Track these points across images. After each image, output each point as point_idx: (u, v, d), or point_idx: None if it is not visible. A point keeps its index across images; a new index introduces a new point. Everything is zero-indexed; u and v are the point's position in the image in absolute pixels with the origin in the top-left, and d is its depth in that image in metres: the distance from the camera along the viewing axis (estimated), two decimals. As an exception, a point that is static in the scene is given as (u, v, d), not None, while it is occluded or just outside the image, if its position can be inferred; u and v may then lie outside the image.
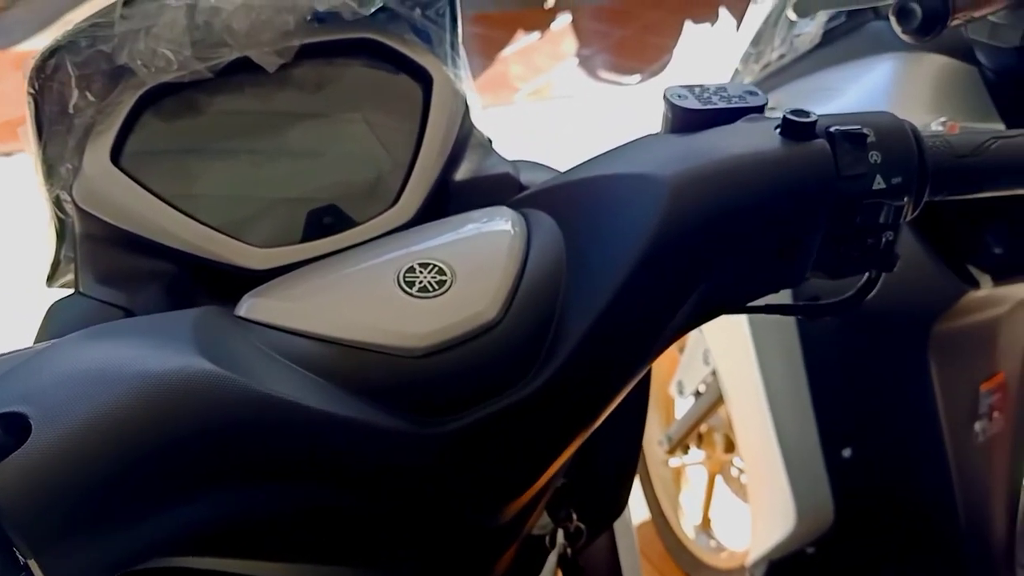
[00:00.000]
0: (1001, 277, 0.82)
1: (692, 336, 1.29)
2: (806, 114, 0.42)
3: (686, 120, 0.44)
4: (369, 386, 0.36)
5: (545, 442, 0.39)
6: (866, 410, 0.93)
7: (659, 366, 1.51)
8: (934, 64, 0.72)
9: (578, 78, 3.69)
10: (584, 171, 0.45)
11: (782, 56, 0.91)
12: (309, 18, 0.46)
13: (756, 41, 0.97)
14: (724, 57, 1.07)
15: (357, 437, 0.35)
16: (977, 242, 0.81)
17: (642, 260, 0.39)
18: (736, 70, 1.01)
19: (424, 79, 0.48)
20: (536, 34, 4.14)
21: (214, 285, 0.42)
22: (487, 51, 3.99)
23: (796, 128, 0.42)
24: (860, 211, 0.43)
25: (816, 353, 0.92)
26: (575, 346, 0.38)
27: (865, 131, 0.43)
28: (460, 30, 0.51)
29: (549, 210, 0.43)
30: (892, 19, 0.53)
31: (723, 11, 3.99)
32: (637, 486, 1.58)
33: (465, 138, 0.49)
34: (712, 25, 3.97)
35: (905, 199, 0.43)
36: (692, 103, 0.44)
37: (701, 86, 0.46)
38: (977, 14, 0.53)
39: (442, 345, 0.37)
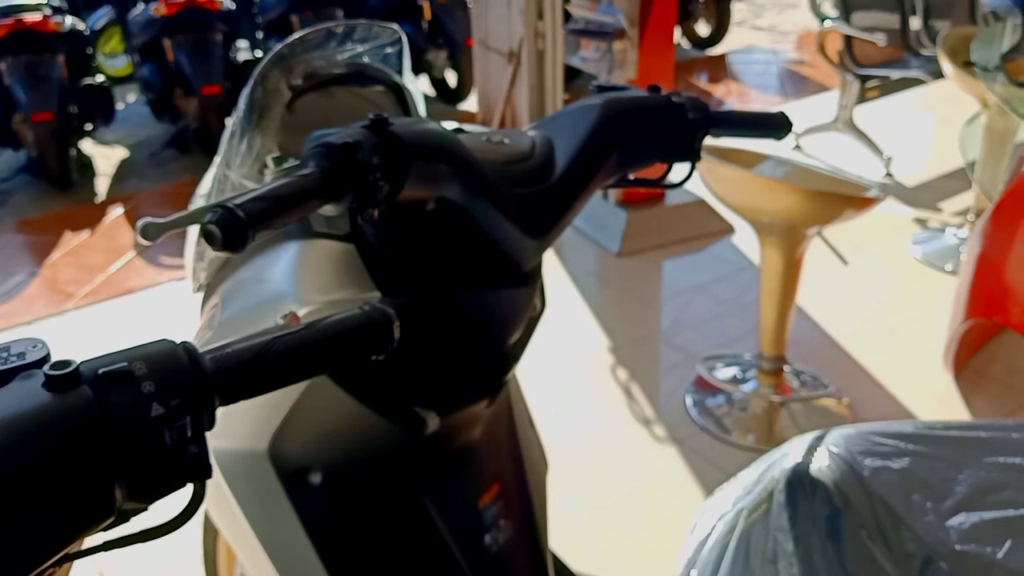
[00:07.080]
0: (445, 411, 0.90)
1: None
2: (66, 364, 0.44)
3: None
4: None
5: None
6: (378, 562, 0.97)
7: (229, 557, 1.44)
8: (321, 247, 0.81)
9: (140, 271, 3.55)
10: None
11: (219, 252, 0.96)
12: None
13: (199, 240, 1.01)
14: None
15: None
16: (420, 384, 0.89)
17: None
18: (193, 267, 1.04)
19: None
20: (87, 232, 3.94)
21: None
22: (34, 258, 3.71)
23: (57, 381, 0.43)
24: (146, 437, 0.45)
25: (316, 520, 0.93)
26: None
27: (132, 366, 0.45)
28: None
29: None
30: (203, 239, 0.58)
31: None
32: None
33: None
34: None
35: (188, 417, 0.47)
36: None
37: None
38: (278, 225, 0.60)
39: None
